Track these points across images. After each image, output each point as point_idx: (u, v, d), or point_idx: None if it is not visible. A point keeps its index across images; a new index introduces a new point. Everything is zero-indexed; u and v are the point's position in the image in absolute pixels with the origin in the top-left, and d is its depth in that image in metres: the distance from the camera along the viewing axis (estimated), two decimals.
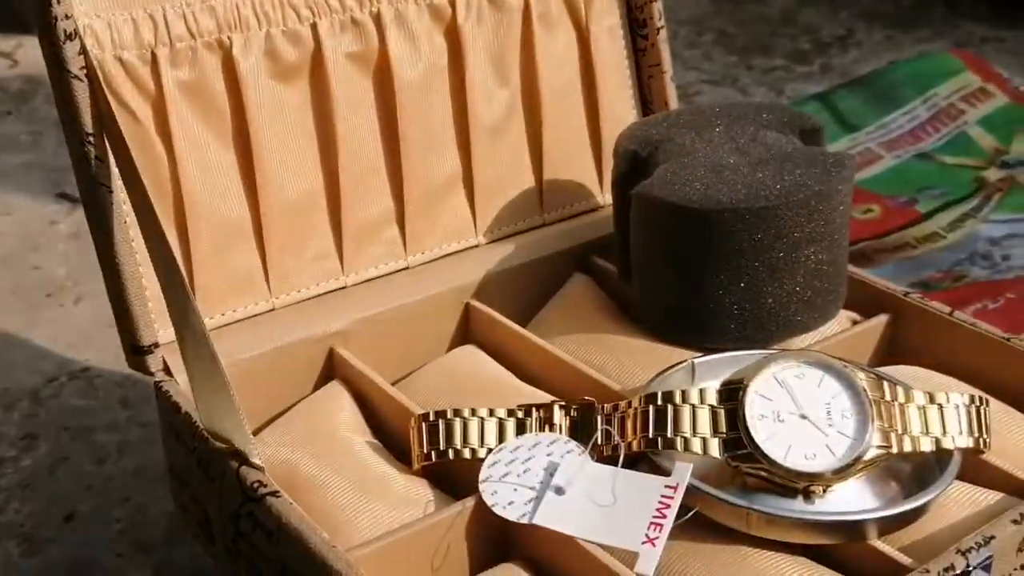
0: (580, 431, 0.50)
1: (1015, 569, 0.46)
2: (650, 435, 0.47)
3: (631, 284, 0.60)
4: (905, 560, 0.45)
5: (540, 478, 0.48)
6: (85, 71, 0.50)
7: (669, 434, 0.47)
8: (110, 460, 0.73)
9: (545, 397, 0.56)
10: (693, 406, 0.47)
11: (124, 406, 0.78)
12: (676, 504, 0.45)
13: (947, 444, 0.48)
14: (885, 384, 0.48)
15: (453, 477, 0.51)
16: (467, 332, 0.64)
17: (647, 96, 0.69)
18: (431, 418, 0.50)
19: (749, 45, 1.26)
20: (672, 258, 0.56)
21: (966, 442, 0.48)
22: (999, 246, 0.92)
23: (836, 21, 1.31)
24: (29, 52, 1.28)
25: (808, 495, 0.46)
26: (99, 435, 0.75)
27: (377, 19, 0.58)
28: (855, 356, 0.58)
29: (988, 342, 0.58)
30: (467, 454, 0.50)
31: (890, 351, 0.61)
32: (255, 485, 0.48)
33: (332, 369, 0.59)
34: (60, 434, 0.75)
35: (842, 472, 0.46)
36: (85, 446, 0.74)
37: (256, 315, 0.59)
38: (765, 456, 0.46)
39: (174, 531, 0.66)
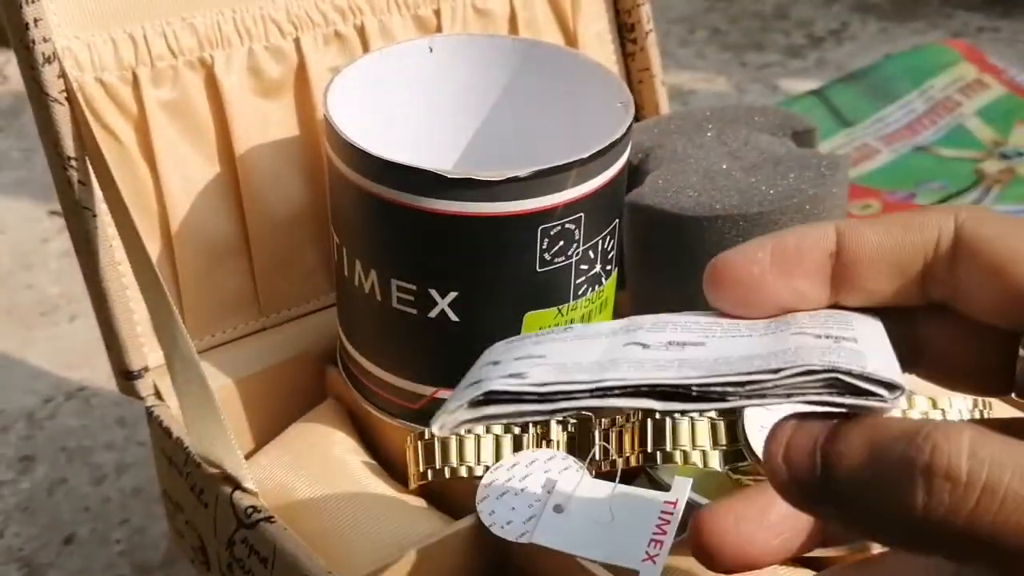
0: (578, 446, 0.49)
1: None
2: (648, 449, 0.47)
3: (625, 292, 0.60)
4: None
5: (538, 496, 0.47)
6: (65, 94, 0.49)
7: (668, 448, 0.46)
8: (108, 480, 0.72)
9: None
10: (692, 418, 0.47)
11: (121, 425, 0.77)
12: (676, 520, 0.45)
13: None
14: None
15: (450, 496, 0.51)
16: None
17: (637, 101, 0.68)
18: (426, 436, 0.50)
19: (742, 42, 1.25)
20: (666, 266, 0.56)
21: None
22: None
23: (830, 15, 1.30)
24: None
25: None
26: (97, 455, 0.75)
27: (361, 32, 0.58)
28: None
29: None
30: (463, 472, 0.49)
31: None
32: (249, 511, 0.47)
33: (325, 388, 0.59)
34: (57, 455, 0.75)
35: None
36: (83, 467, 0.74)
37: (246, 335, 0.58)
38: None
39: (173, 552, 0.66)
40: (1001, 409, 0.53)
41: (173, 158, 0.54)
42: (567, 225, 0.47)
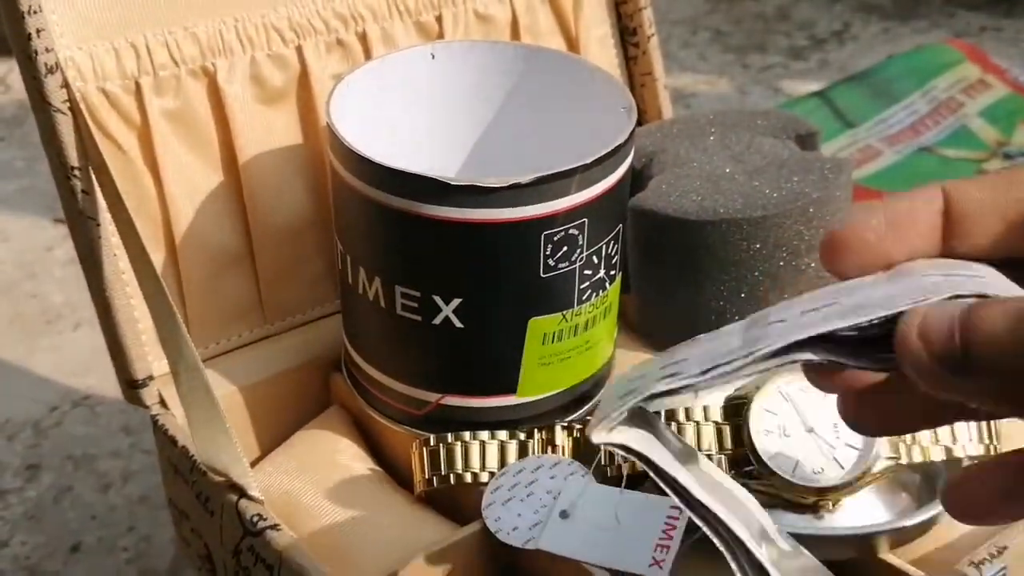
0: (583, 452, 0.49)
1: None
2: None
3: (630, 296, 0.60)
4: (918, 574, 0.44)
5: (544, 502, 0.47)
6: (68, 104, 0.50)
7: None
8: (114, 488, 0.72)
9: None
10: (697, 423, 0.47)
11: (127, 433, 0.77)
12: (682, 525, 0.45)
13: (958, 452, 0.47)
14: None
15: (456, 502, 0.50)
16: None
17: (640, 105, 0.68)
18: (432, 442, 0.50)
19: (744, 43, 1.25)
20: (670, 270, 0.56)
21: (977, 449, 0.48)
22: None
23: (832, 15, 1.30)
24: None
25: (817, 510, 0.46)
26: (102, 463, 0.75)
27: (363, 39, 0.58)
28: None
29: None
30: (469, 479, 0.49)
31: None
32: (255, 519, 0.47)
33: (330, 395, 0.59)
34: (63, 463, 0.75)
35: (851, 485, 0.45)
36: (89, 475, 0.74)
37: (251, 343, 0.58)
38: (773, 472, 0.45)
39: (179, 560, 0.66)
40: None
41: (176, 167, 0.54)
42: (571, 230, 0.47)
